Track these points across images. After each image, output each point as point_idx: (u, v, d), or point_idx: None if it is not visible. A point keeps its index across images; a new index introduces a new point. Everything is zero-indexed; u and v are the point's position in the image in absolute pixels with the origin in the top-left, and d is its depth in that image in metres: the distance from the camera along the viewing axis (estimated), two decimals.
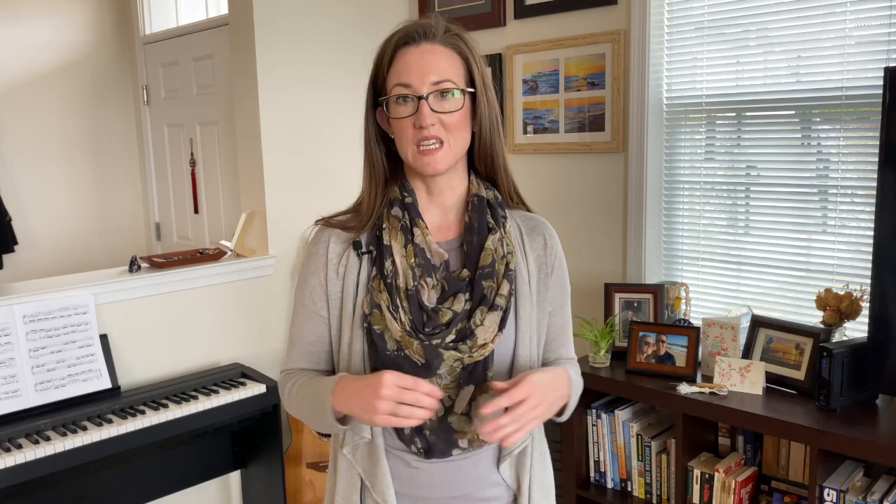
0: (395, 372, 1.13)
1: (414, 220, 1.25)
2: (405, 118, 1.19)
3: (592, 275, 2.80)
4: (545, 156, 2.90)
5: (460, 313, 1.21)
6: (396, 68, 1.20)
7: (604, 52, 2.67)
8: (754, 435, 2.26)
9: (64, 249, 3.96)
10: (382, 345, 1.21)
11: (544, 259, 1.31)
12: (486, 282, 1.22)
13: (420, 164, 1.20)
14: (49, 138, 3.88)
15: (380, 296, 1.21)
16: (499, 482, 1.29)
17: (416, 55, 1.19)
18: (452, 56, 1.21)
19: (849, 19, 2.17)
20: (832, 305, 2.13)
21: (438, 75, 1.18)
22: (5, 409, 2.15)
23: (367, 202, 1.27)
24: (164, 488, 2.58)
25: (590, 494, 2.46)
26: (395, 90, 1.19)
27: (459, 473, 1.26)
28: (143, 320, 2.57)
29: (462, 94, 1.20)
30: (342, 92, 3.06)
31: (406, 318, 1.19)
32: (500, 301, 1.22)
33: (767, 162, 2.40)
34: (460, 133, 1.22)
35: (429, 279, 1.22)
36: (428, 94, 1.17)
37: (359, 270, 1.26)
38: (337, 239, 1.28)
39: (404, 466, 1.26)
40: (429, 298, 1.22)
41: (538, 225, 1.34)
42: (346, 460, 1.28)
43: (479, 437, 1.23)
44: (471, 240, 1.26)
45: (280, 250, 2.93)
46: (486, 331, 1.20)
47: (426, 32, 1.21)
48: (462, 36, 1.24)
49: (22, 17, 3.77)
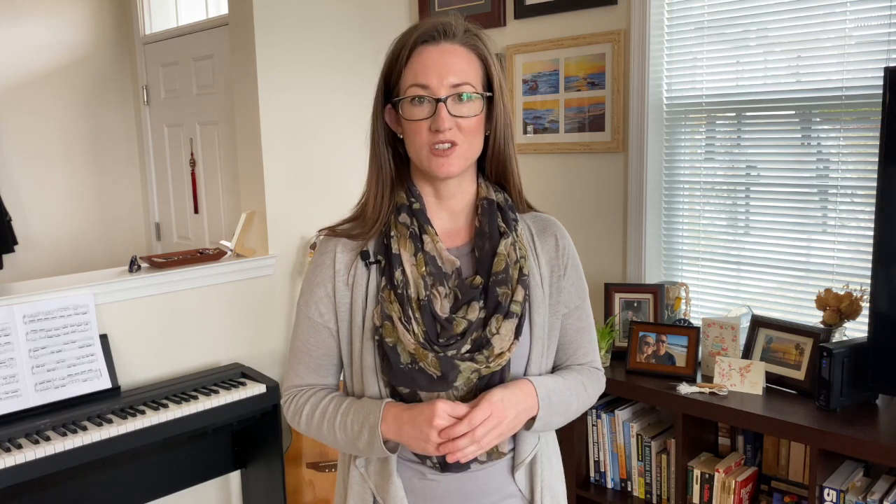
0: (448, 401, 1.12)
1: (423, 227, 1.21)
2: (421, 120, 1.15)
3: (592, 275, 2.79)
4: (545, 156, 2.90)
5: (475, 322, 1.17)
6: (413, 67, 1.15)
7: (604, 52, 2.67)
8: (754, 435, 2.26)
9: (64, 249, 3.96)
10: (395, 358, 1.16)
11: (556, 261, 1.28)
12: (501, 288, 1.19)
13: (434, 167, 1.16)
14: (49, 138, 3.88)
15: (391, 307, 1.17)
16: (514, 492, 1.26)
17: (434, 55, 1.15)
18: (471, 57, 1.18)
19: (849, 19, 2.17)
20: (832, 305, 2.13)
21: (457, 77, 1.15)
22: (5, 409, 2.15)
23: (373, 205, 1.22)
24: (164, 488, 2.58)
25: (590, 494, 2.46)
26: (411, 90, 1.15)
27: (476, 485, 1.23)
28: (143, 320, 2.57)
29: (480, 97, 1.17)
30: (342, 92, 3.06)
31: (419, 329, 1.15)
32: (516, 308, 1.19)
33: (767, 162, 2.40)
34: (475, 137, 1.19)
35: (441, 288, 1.18)
36: (447, 98, 1.14)
37: (367, 281, 1.22)
38: (344, 248, 1.24)
39: (420, 479, 1.23)
40: (442, 308, 1.18)
41: (549, 225, 1.31)
42: (357, 474, 1.25)
43: (497, 449, 1.21)
44: (482, 245, 1.22)
45: (280, 250, 2.93)
46: (503, 339, 1.17)
47: (446, 31, 1.16)
48: (481, 37, 1.20)
49: (22, 17, 3.77)
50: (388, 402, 1.18)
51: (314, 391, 1.28)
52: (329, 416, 1.22)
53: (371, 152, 1.25)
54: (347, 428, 1.19)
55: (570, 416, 1.28)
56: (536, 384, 1.20)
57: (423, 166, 1.19)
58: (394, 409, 1.16)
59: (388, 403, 1.17)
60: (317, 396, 1.26)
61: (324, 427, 1.23)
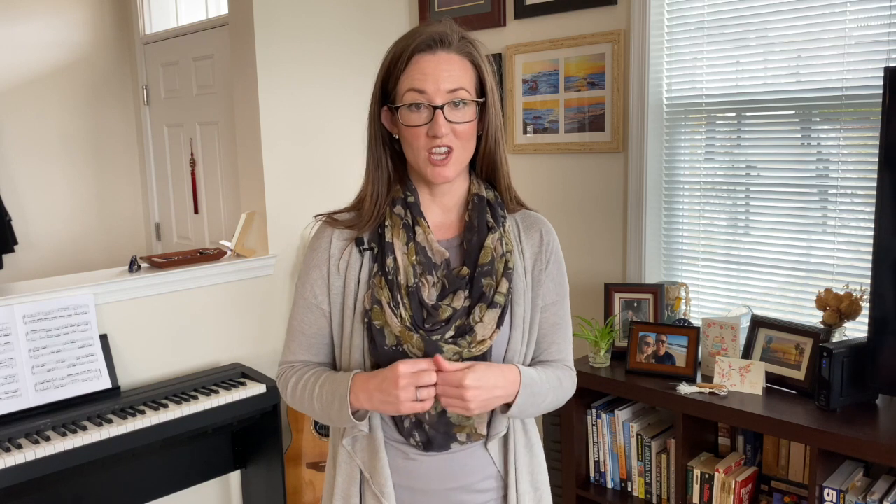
0: (407, 360, 1.17)
1: (416, 219, 1.28)
2: (418, 126, 1.21)
3: (592, 275, 2.80)
4: (545, 156, 2.90)
5: (460, 310, 1.24)
6: (411, 73, 1.21)
7: (604, 52, 2.67)
8: (754, 435, 2.26)
9: (64, 249, 3.96)
10: (381, 340, 1.23)
11: (540, 255, 1.34)
12: (486, 279, 1.25)
13: (432, 175, 1.23)
14: (49, 138, 3.88)
15: (381, 292, 1.24)
16: (492, 473, 1.32)
17: (432, 63, 1.21)
18: (466, 64, 1.24)
19: (849, 19, 2.17)
20: (832, 305, 2.13)
21: (453, 83, 1.21)
22: (5, 409, 2.15)
23: (370, 203, 1.29)
24: (164, 488, 2.58)
25: (590, 494, 2.46)
26: (408, 95, 1.21)
27: (457, 466, 1.29)
28: (143, 320, 2.57)
29: (474, 103, 1.23)
30: (342, 91, 3.07)
31: (407, 314, 1.22)
32: (500, 299, 1.25)
33: (767, 162, 2.40)
34: (470, 142, 1.25)
35: (429, 277, 1.25)
36: (443, 105, 1.19)
37: (360, 266, 1.28)
38: (339, 235, 1.31)
39: (403, 459, 1.29)
40: (429, 295, 1.25)
41: (535, 221, 1.37)
42: (345, 452, 1.31)
43: (476, 431, 1.27)
44: (471, 238, 1.28)
45: (280, 250, 2.93)
46: (485, 327, 1.24)
47: (442, 41, 1.22)
48: (475, 44, 1.27)
49: (22, 17, 3.77)
50: (356, 372, 1.24)
51: (303, 367, 1.34)
52: (309, 388, 1.29)
53: (368, 154, 1.31)
54: (323, 398, 1.26)
55: (544, 409, 1.33)
56: (521, 371, 1.25)
57: (420, 171, 1.26)
58: (360, 378, 1.22)
59: (356, 374, 1.23)
60: (302, 370, 1.33)
61: (304, 397, 1.30)
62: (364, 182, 1.31)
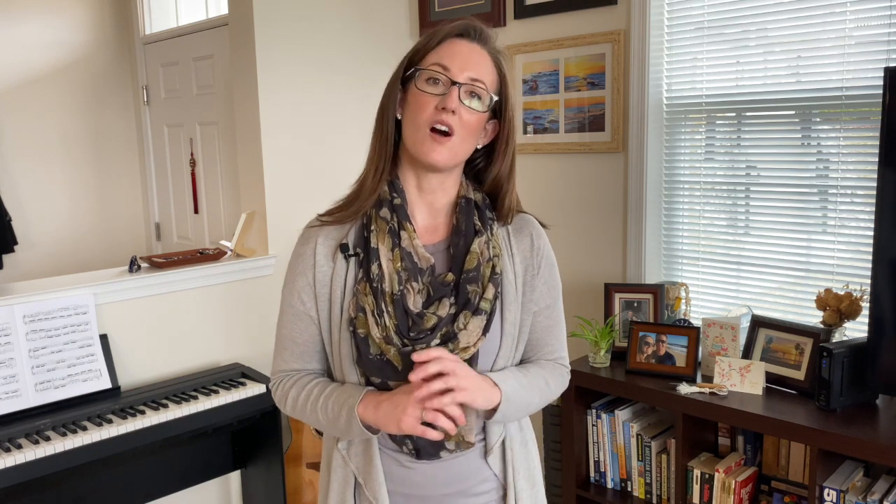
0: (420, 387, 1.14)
1: (402, 223, 1.25)
2: (431, 94, 1.20)
3: (592, 275, 2.80)
4: (545, 156, 2.90)
5: (445, 318, 1.21)
6: (441, 51, 1.22)
7: (604, 53, 2.67)
8: (754, 435, 2.26)
9: (64, 249, 3.96)
10: (366, 349, 1.21)
11: (531, 259, 1.32)
12: (471, 286, 1.23)
13: (426, 150, 1.20)
14: (49, 138, 3.88)
15: (365, 299, 1.21)
16: (489, 476, 1.31)
17: (464, 48, 1.22)
18: (493, 69, 1.25)
19: (849, 19, 2.17)
20: (832, 305, 2.13)
21: (478, 73, 1.21)
22: (5, 409, 2.15)
23: (371, 179, 1.26)
24: (164, 488, 2.58)
25: (590, 494, 2.46)
26: (432, 67, 1.21)
27: (451, 472, 1.28)
28: (143, 320, 2.57)
29: (488, 105, 1.23)
30: (342, 91, 3.06)
31: (391, 322, 1.20)
32: (485, 305, 1.23)
33: (767, 162, 2.40)
34: (471, 137, 1.23)
35: (415, 283, 1.22)
36: (461, 84, 1.19)
37: (346, 273, 1.26)
38: (325, 240, 1.28)
39: (397, 466, 1.28)
40: (414, 303, 1.22)
41: (525, 224, 1.34)
42: (340, 457, 1.30)
43: (465, 439, 1.26)
44: (457, 242, 1.26)
45: (280, 250, 2.93)
46: (470, 335, 1.21)
47: (481, 35, 1.24)
48: (506, 60, 1.28)
49: (22, 17, 3.77)
50: (370, 389, 1.23)
51: (300, 376, 1.32)
52: (313, 399, 1.27)
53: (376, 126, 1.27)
54: (329, 410, 1.24)
55: (531, 411, 1.33)
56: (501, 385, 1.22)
57: (415, 148, 1.22)
58: (373, 394, 1.21)
59: (369, 390, 1.22)
60: (302, 381, 1.31)
61: (307, 408, 1.27)
62: (368, 158, 1.28)
